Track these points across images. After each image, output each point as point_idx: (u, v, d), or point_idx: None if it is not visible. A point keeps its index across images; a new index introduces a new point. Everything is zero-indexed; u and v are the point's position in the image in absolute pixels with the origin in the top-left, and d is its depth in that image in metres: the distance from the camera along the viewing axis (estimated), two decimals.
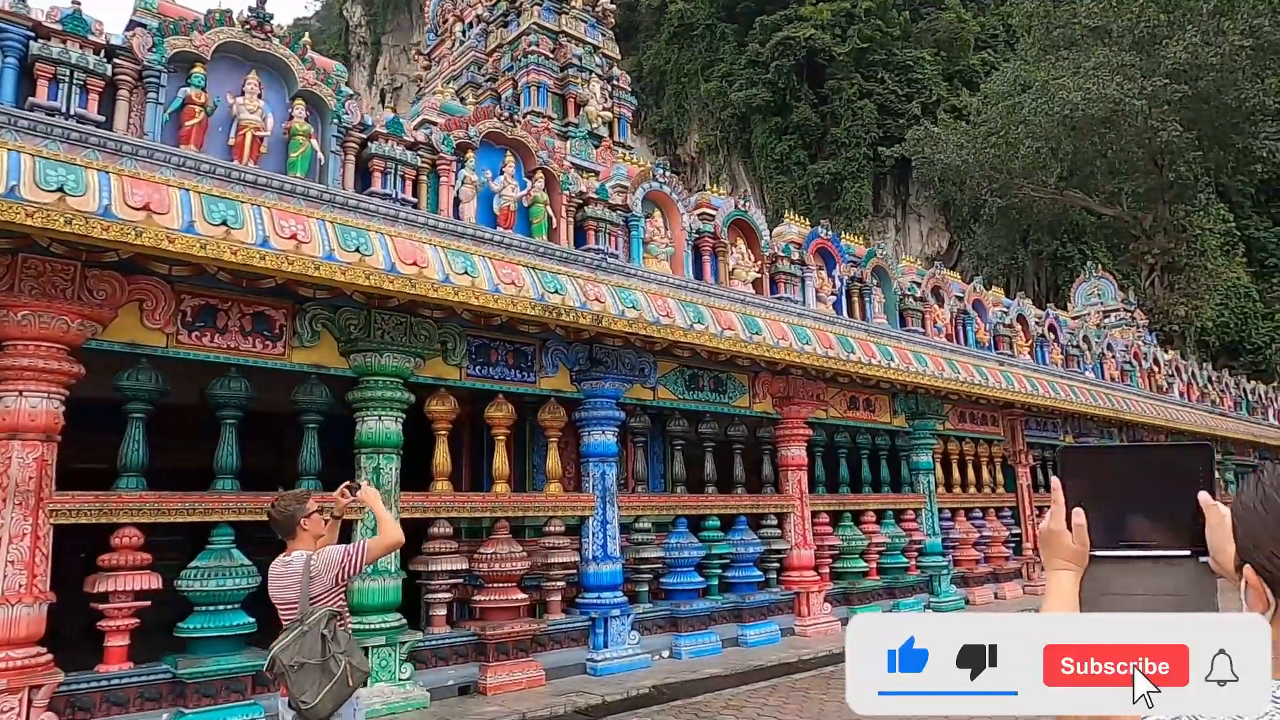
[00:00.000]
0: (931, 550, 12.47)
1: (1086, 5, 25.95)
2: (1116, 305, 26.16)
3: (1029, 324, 16.01)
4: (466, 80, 11.40)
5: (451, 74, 11.78)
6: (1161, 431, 19.44)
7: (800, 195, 39.85)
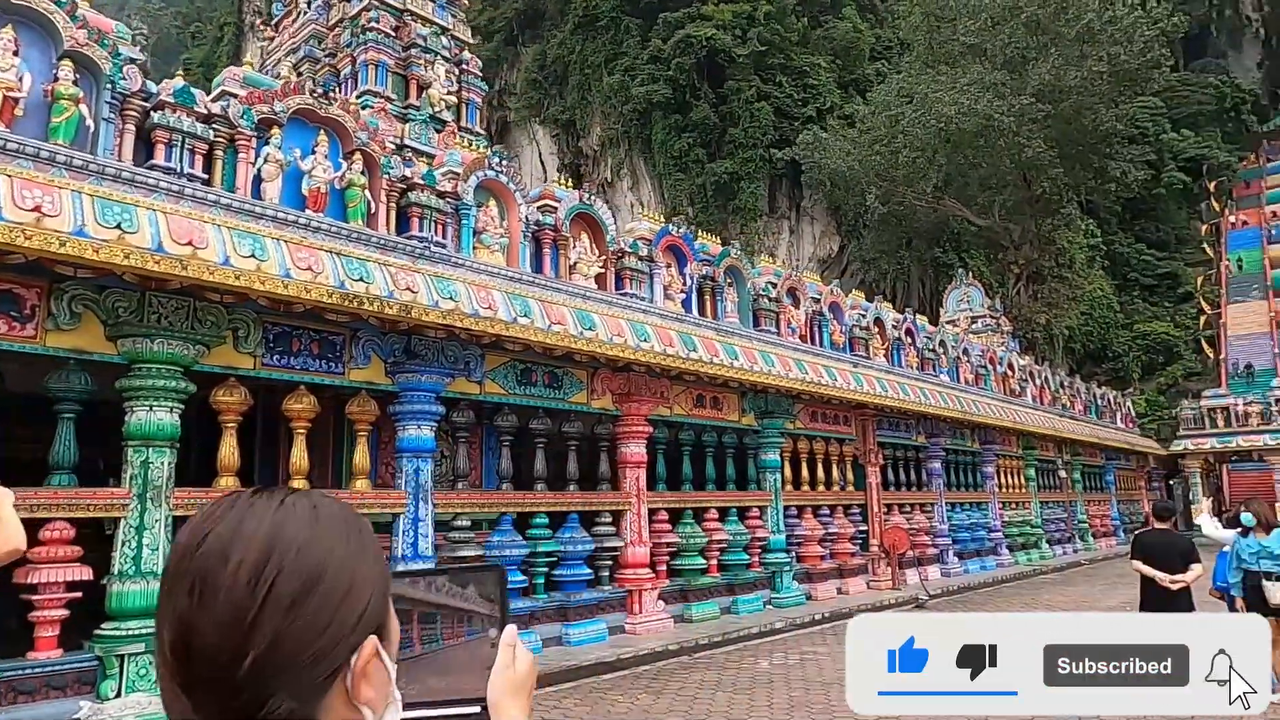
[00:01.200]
0: (775, 547, 12.68)
1: (965, 24, 27.05)
2: (984, 312, 27.40)
3: (886, 327, 16.50)
4: (305, 54, 10.85)
5: (292, 46, 11.21)
6: (1012, 433, 20.46)
7: (698, 193, 40.21)
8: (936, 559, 16.74)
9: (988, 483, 19.37)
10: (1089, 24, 24.10)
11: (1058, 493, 23.60)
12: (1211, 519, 7.68)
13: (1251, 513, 6.39)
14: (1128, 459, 29.98)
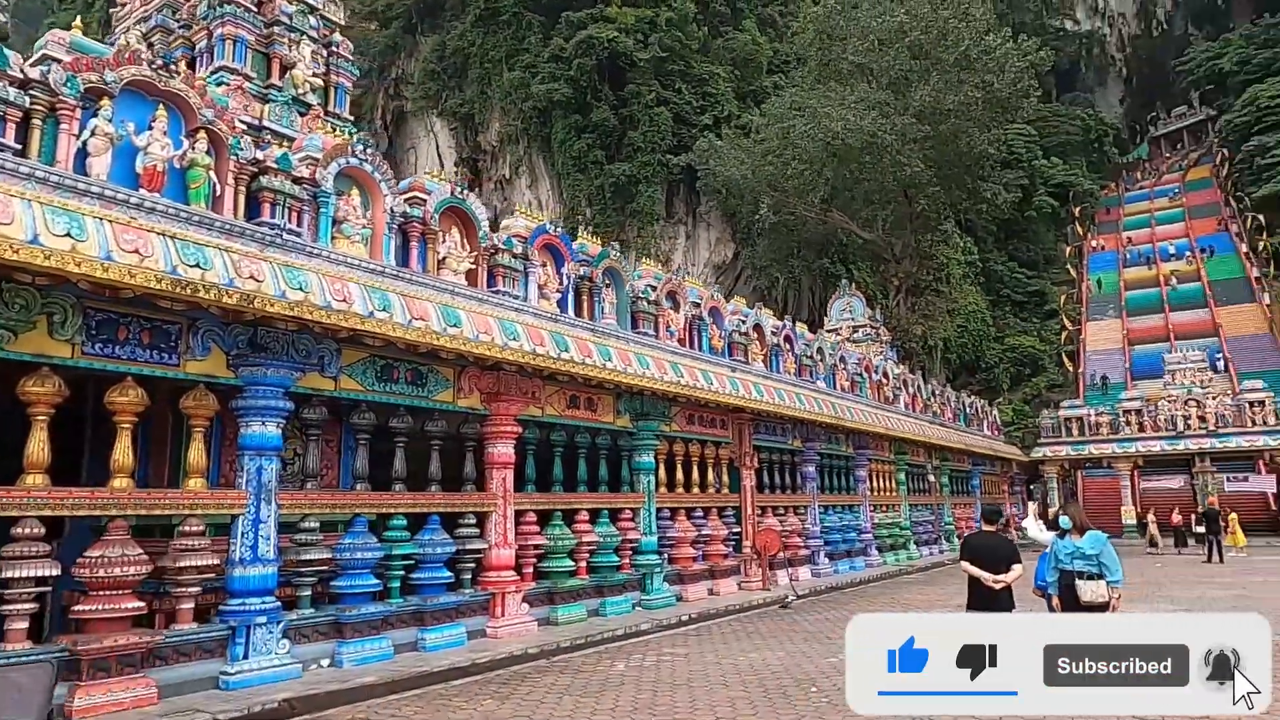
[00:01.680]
0: (647, 549, 12.73)
1: (854, 44, 28.10)
2: (865, 321, 28.49)
3: (765, 333, 16.88)
4: (157, 24, 10.15)
5: (144, 14, 10.49)
6: (884, 439, 21.31)
7: (597, 194, 40.21)
8: (808, 560, 17.23)
9: (860, 486, 20.10)
10: (966, 51, 25.49)
11: (927, 496, 24.75)
12: (1036, 522, 8.17)
13: (1068, 516, 6.80)
14: (993, 464, 31.76)
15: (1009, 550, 6.75)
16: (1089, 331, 49.13)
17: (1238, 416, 30.66)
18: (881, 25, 27.02)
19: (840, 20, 28.34)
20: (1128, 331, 47.05)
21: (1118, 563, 6.61)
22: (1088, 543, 6.58)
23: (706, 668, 8.39)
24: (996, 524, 7.13)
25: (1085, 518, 6.76)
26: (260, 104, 9.80)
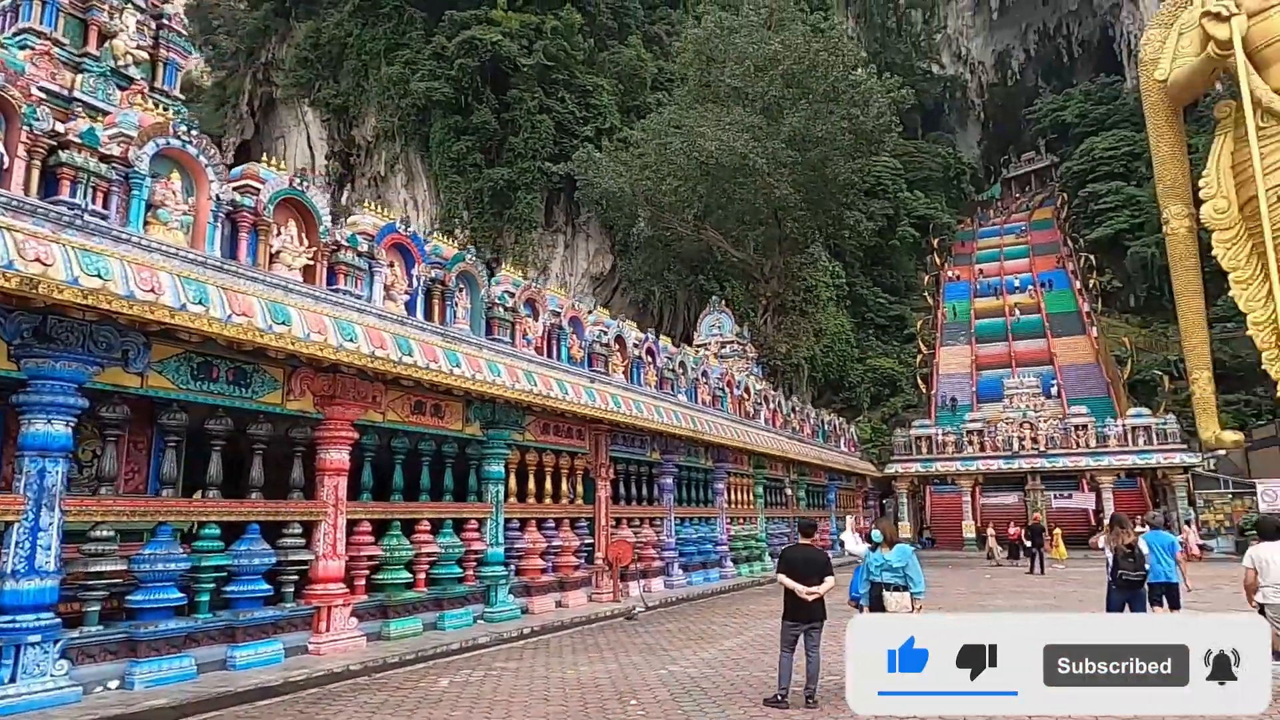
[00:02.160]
0: (493, 560, 12.45)
1: (731, 68, 28.91)
2: (732, 337, 29.19)
3: (627, 345, 16.95)
4: None
5: None
6: (743, 453, 21.84)
7: (475, 198, 39.55)
8: (662, 571, 17.36)
9: (718, 499, 20.48)
10: (834, 83, 26.73)
11: (783, 509, 25.54)
12: (853, 535, 8.56)
13: (880, 530, 7.11)
14: (848, 479, 33.17)
15: (823, 562, 6.98)
16: (942, 356, 52.36)
17: (1065, 439, 33.34)
18: (757, 52, 27.94)
19: (719, 44, 29.13)
20: (976, 357, 50.42)
21: (921, 575, 6.94)
22: (895, 556, 6.89)
23: (533, 682, 8.23)
24: (812, 536, 7.36)
25: (895, 532, 7.08)
26: (72, 73, 8.98)
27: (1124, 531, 8.35)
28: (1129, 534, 8.35)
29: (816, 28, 28.81)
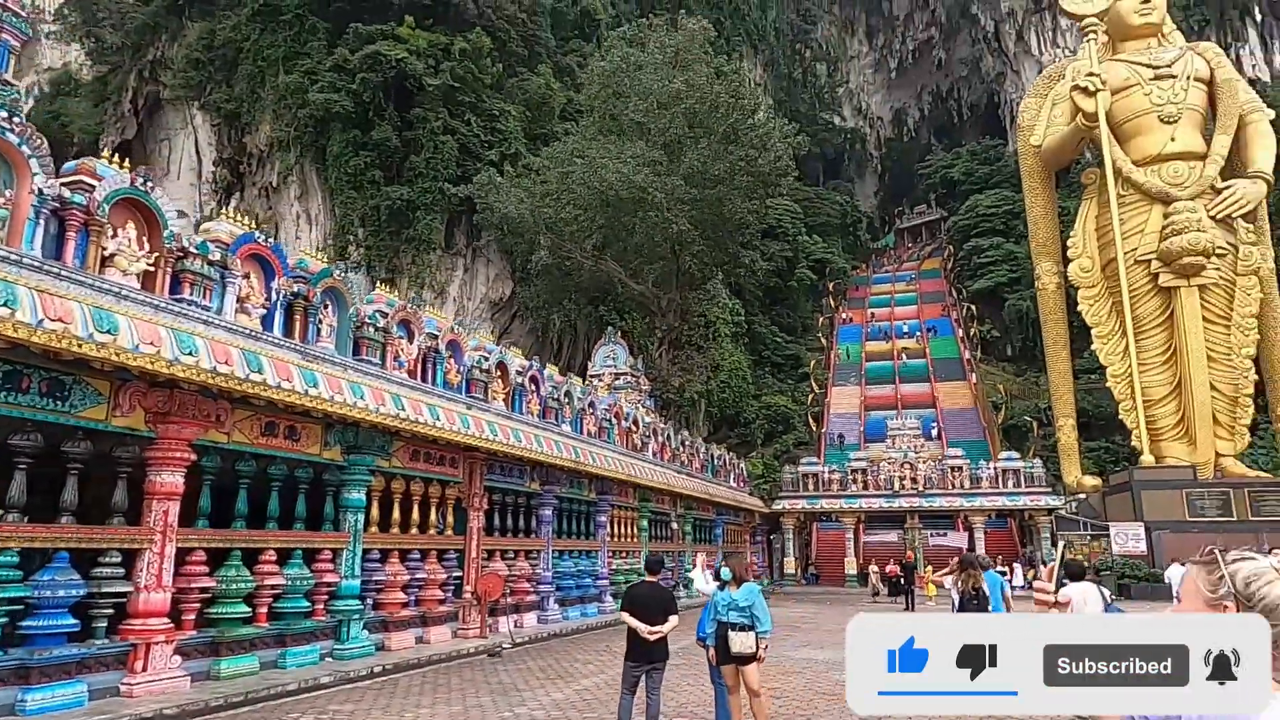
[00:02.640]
0: (347, 593, 11.76)
1: (636, 103, 29.26)
2: (626, 369, 29.16)
3: (510, 372, 16.58)
4: None
5: None
6: (629, 485, 21.66)
7: (371, 215, 38.47)
8: (537, 606, 16.89)
9: (600, 532, 20.19)
10: (734, 125, 27.38)
11: (669, 543, 25.44)
12: (703, 573, 8.46)
13: (729, 567, 7.00)
14: (737, 515, 33.45)
15: (668, 599, 6.81)
16: (834, 395, 53.96)
17: (942, 480, 34.68)
18: (661, 89, 28.39)
19: (625, 78, 29.45)
20: (865, 398, 52.17)
21: (768, 614, 6.85)
22: (742, 595, 6.78)
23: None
24: (658, 574, 7.19)
25: (745, 570, 6.98)
26: None
27: (973, 573, 8.52)
28: (977, 576, 8.53)
29: (720, 70, 29.54)
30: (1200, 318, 31.85)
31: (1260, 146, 33.24)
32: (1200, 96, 33.81)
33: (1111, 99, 33.33)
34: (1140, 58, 34.67)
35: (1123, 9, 35.40)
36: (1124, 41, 35.84)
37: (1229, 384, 32.14)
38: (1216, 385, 31.97)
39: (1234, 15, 60.29)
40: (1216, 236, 31.38)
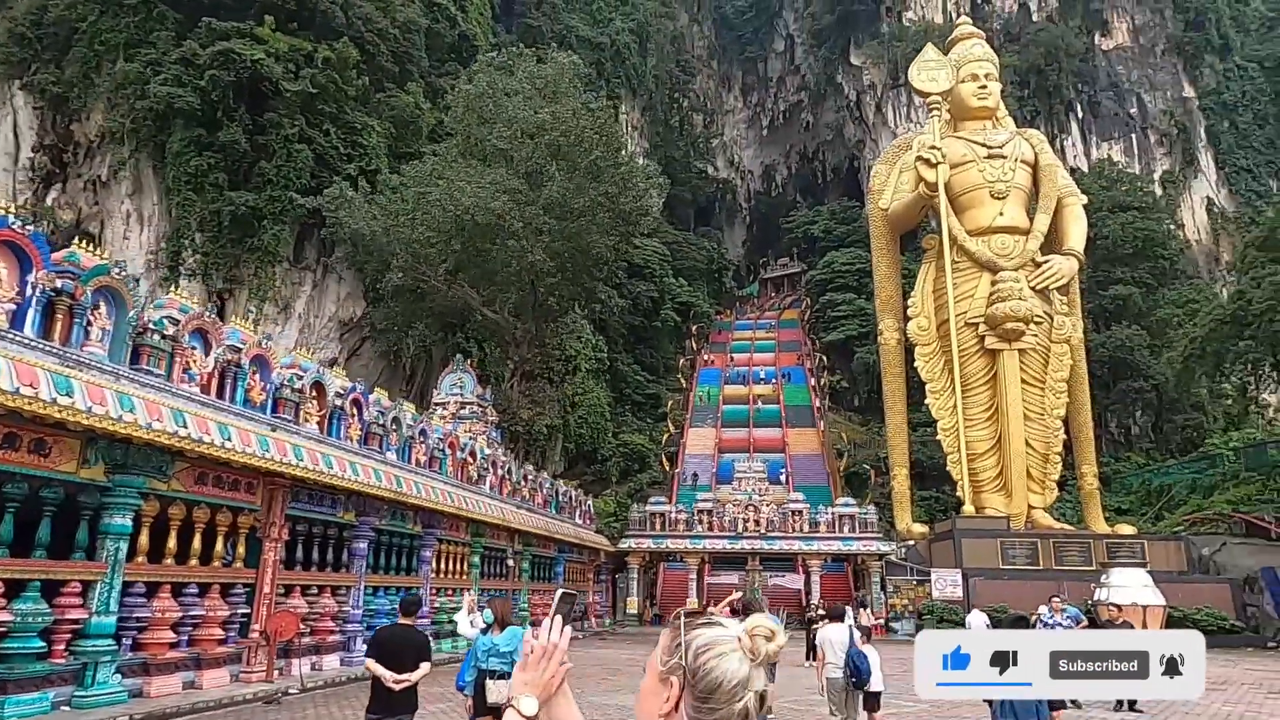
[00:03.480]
0: (97, 632, 10.36)
1: (500, 129, 28.83)
2: (473, 399, 28.24)
3: (328, 394, 15.53)
4: None
5: None
6: (461, 519, 20.74)
7: (211, 220, 35.95)
8: (342, 646, 15.68)
9: (424, 567, 19.14)
10: (596, 161, 27.42)
11: (504, 581, 24.53)
12: (468, 616, 7.95)
13: (492, 610, 6.50)
14: (581, 553, 32.88)
15: (421, 644, 6.22)
16: (690, 436, 54.69)
17: (783, 523, 35.49)
18: (527, 119, 28.13)
19: (491, 104, 29.01)
20: (720, 440, 53.17)
21: None
22: (505, 639, 6.30)
23: None
24: (413, 615, 6.60)
25: (509, 612, 6.49)
26: None
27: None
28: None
29: (588, 106, 29.64)
30: (1019, 379, 34.38)
31: (1074, 228, 36.60)
32: (1026, 177, 36.97)
33: (950, 172, 35.93)
34: (977, 137, 37.62)
35: (963, 91, 38.40)
36: (963, 121, 38.85)
37: (1042, 442, 34.76)
38: (1031, 443, 34.50)
39: (1060, 110, 66.96)
40: (1035, 305, 34.11)
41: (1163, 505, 40.96)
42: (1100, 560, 31.00)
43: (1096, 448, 38.51)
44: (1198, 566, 31.26)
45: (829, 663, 8.28)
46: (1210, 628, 26.90)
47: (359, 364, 44.03)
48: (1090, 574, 29.17)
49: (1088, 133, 67.24)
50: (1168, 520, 38.40)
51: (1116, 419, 50.83)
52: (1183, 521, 36.64)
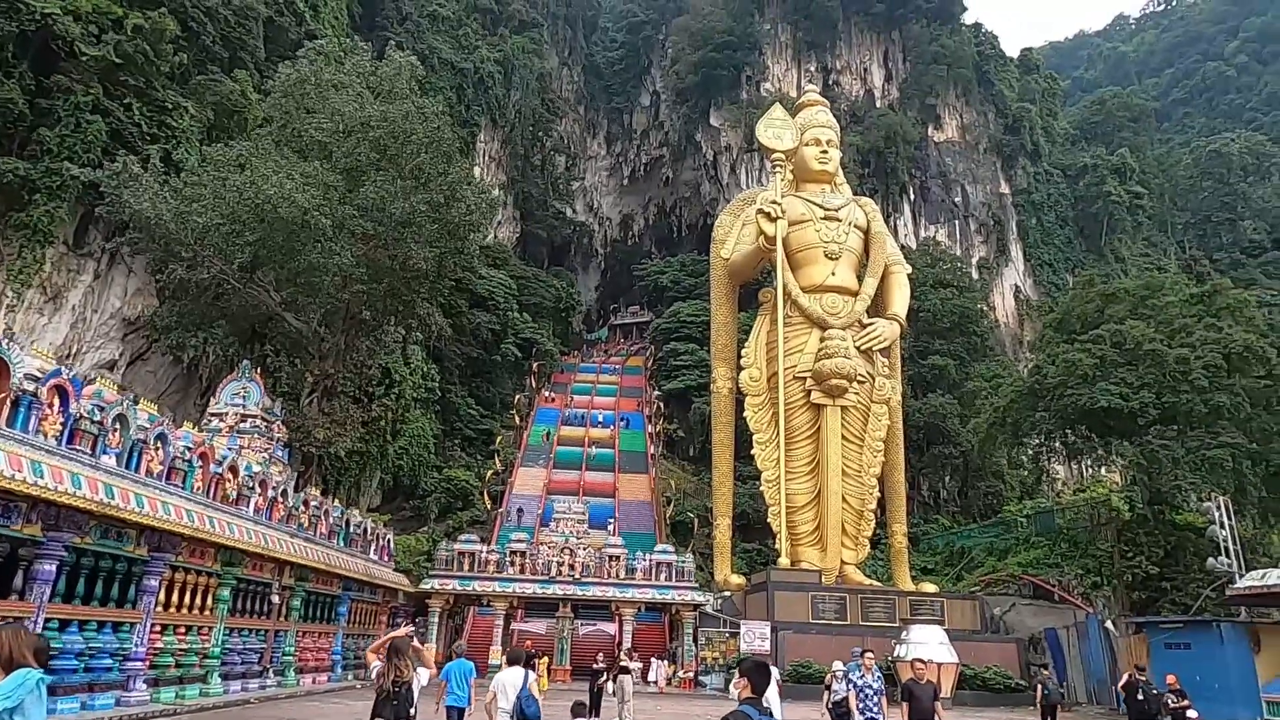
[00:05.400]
0: None
1: (319, 122, 26.39)
2: (258, 412, 25.09)
3: (12, 375, 12.60)
4: None
5: None
6: (207, 544, 17.76)
7: None
8: None
9: (145, 598, 16.02)
10: (423, 165, 25.51)
11: (263, 619, 21.39)
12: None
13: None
14: (374, 592, 29.84)
15: None
16: (520, 475, 52.47)
17: (599, 568, 33.88)
18: (352, 115, 25.92)
19: (315, 93, 26.59)
20: (550, 481, 51.29)
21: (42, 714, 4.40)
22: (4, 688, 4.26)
23: None
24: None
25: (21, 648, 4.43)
26: None
27: (400, 664, 6.70)
28: (405, 668, 6.73)
29: (422, 110, 27.78)
30: (840, 435, 34.94)
31: (898, 294, 38.15)
32: (858, 241, 38.31)
33: (789, 229, 36.68)
34: (816, 198, 38.77)
35: (806, 154, 39.65)
36: (805, 182, 40.04)
37: (858, 498, 35.34)
38: (847, 498, 34.98)
39: (895, 190, 71.53)
40: (859, 365, 34.95)
41: (963, 566, 42.75)
42: (903, 617, 31.45)
43: (908, 508, 39.75)
44: (990, 626, 32.32)
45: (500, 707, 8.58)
46: (997, 686, 27.56)
47: (145, 370, 39.12)
48: (893, 630, 29.41)
49: (918, 214, 72.11)
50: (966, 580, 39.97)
51: (928, 482, 53.30)
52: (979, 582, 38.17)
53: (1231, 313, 34.27)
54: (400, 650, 6.74)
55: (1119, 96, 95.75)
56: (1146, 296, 36.51)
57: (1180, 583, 31.03)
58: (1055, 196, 77.81)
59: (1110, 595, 33.49)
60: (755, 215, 36.91)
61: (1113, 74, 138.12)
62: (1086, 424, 35.52)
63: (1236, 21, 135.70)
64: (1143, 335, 32.42)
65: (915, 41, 78.04)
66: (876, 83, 79.59)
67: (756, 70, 79.25)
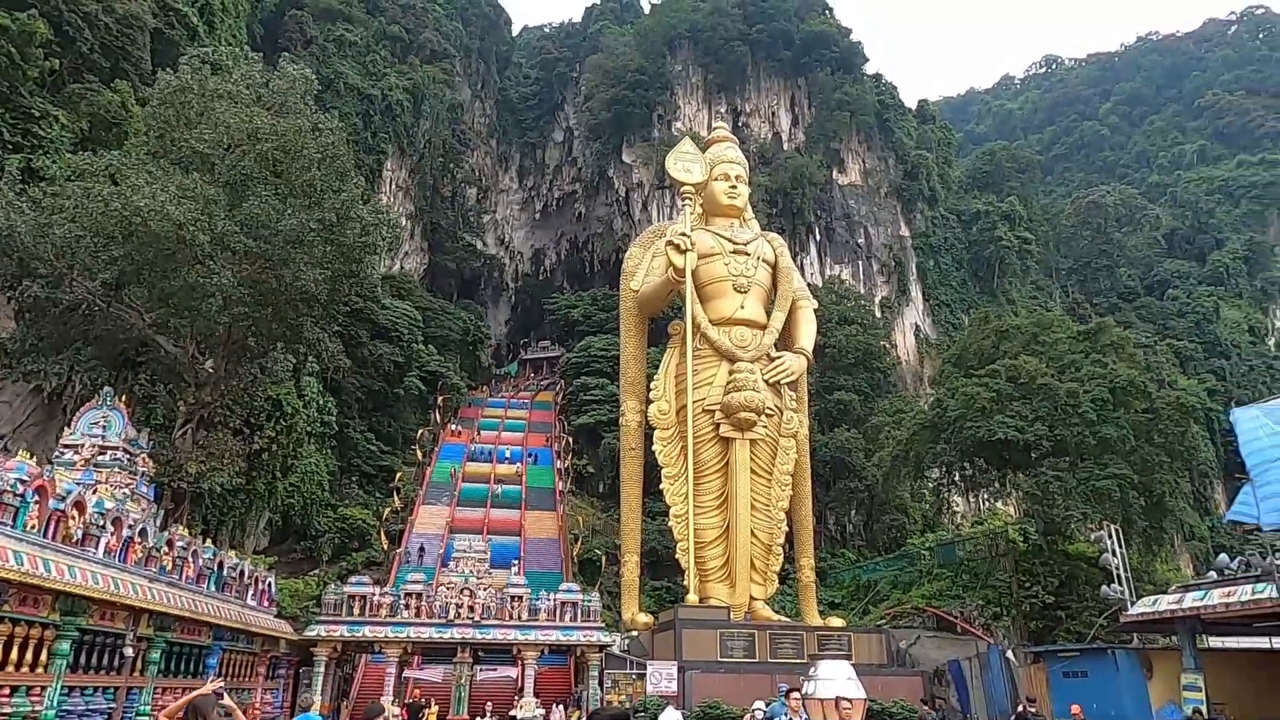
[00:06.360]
0: None
1: (200, 133, 24.69)
2: (120, 443, 22.78)
3: None
4: None
5: None
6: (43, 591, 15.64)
7: None
8: None
9: None
10: (312, 181, 24.11)
11: (114, 675, 19.05)
12: None
13: None
14: (250, 641, 27.36)
15: None
16: (421, 513, 50.19)
17: (501, 610, 32.24)
18: (239, 127, 24.33)
19: (196, 102, 24.89)
20: (453, 519, 49.26)
21: None
22: None
23: None
24: None
25: None
26: None
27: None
28: None
29: (317, 126, 26.38)
30: (749, 469, 34.63)
31: (805, 328, 38.46)
32: (766, 275, 38.52)
33: (698, 262, 36.58)
34: (725, 232, 38.89)
35: (715, 188, 39.85)
36: (714, 217, 40.16)
37: (766, 532, 34.98)
38: (756, 533, 34.56)
39: (802, 230, 73.28)
40: (768, 398, 34.84)
41: (870, 599, 42.91)
42: (811, 652, 30.98)
43: (816, 543, 39.71)
44: (896, 659, 32.25)
45: None
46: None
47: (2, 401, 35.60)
48: (802, 666, 28.84)
49: (824, 254, 74.01)
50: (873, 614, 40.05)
51: (835, 516, 53.72)
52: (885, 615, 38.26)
53: (1115, 350, 35.94)
54: (202, 713, 5.56)
55: (1007, 149, 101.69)
56: (1038, 333, 37.95)
57: (1075, 611, 31.78)
58: (951, 240, 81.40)
59: (1010, 625, 34.03)
60: (664, 247, 36.68)
61: (1000, 129, 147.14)
62: (984, 456, 36.37)
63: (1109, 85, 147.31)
64: (1035, 370, 33.53)
65: (820, 88, 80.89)
66: (784, 126, 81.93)
67: (668, 109, 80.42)
